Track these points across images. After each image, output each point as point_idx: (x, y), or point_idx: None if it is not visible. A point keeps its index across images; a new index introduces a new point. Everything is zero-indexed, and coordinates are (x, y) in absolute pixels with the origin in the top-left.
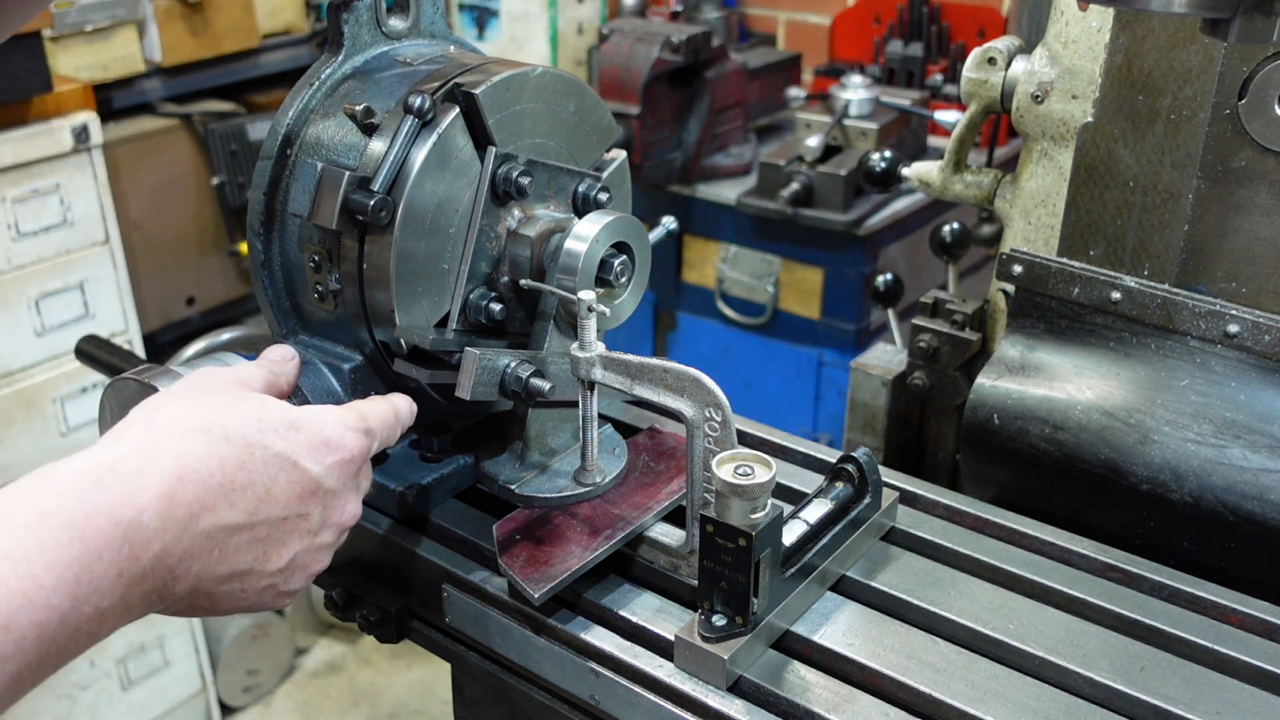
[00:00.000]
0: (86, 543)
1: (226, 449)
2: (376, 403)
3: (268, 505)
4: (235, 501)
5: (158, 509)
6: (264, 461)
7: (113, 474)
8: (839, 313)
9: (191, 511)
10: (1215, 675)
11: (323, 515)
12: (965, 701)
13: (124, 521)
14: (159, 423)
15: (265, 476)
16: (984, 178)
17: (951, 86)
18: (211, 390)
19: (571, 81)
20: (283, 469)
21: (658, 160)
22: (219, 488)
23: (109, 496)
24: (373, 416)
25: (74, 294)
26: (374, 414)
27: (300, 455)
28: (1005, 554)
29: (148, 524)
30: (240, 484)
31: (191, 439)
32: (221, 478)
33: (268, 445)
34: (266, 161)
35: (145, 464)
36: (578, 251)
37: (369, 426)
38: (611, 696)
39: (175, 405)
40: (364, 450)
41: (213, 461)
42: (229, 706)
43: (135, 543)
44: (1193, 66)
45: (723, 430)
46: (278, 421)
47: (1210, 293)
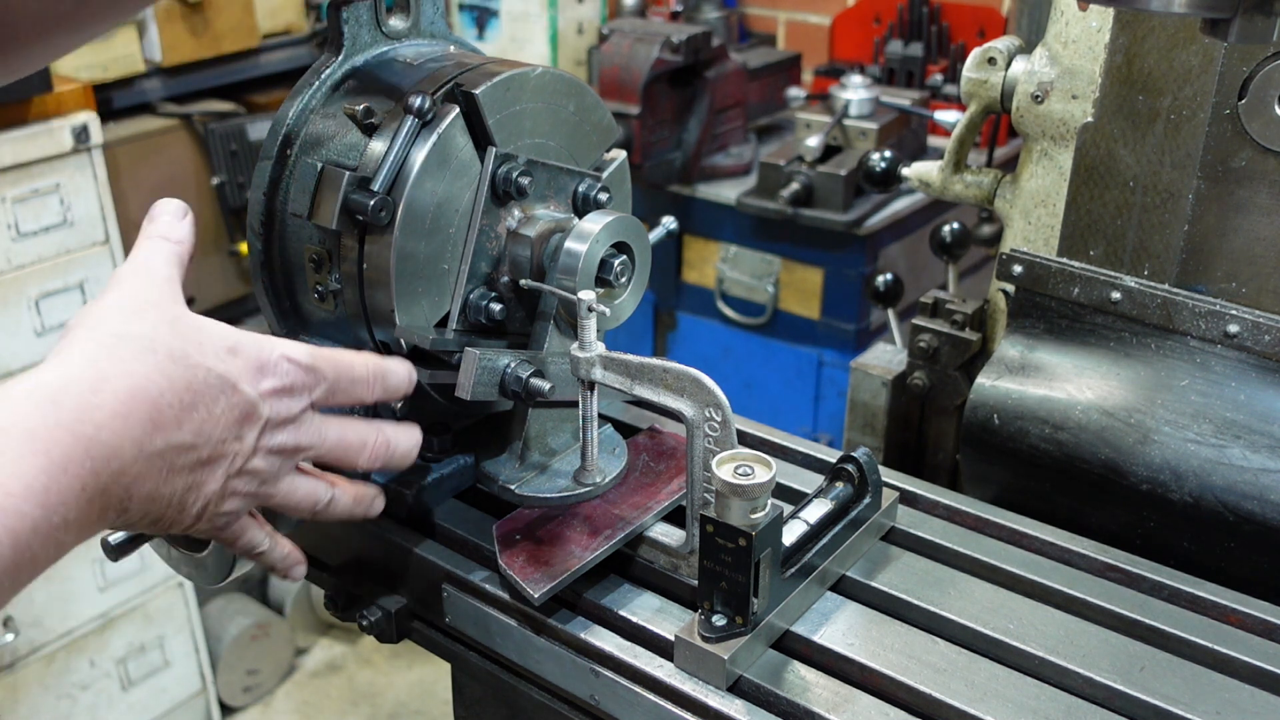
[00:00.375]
0: (50, 455)
1: (173, 369)
2: (343, 352)
3: (209, 425)
4: (184, 422)
5: (114, 427)
6: (205, 383)
7: (67, 392)
8: (839, 313)
9: (146, 430)
10: (1215, 675)
11: (256, 440)
12: (965, 701)
13: (84, 437)
14: (103, 339)
15: (208, 398)
16: (984, 178)
17: (951, 86)
18: (148, 301)
19: (571, 81)
20: (223, 391)
21: (658, 160)
22: (169, 407)
23: (67, 413)
24: (324, 358)
25: (74, 294)
26: (331, 358)
27: (239, 378)
28: (1005, 554)
29: (106, 440)
30: (188, 404)
31: (140, 358)
32: (171, 398)
33: (210, 367)
34: (266, 161)
35: (98, 382)
36: (578, 251)
37: (313, 364)
38: (611, 696)
39: (116, 320)
40: (302, 383)
41: (162, 382)
42: (229, 706)
43: (96, 458)
44: (1193, 66)
45: (723, 430)
46: (217, 344)
47: (1210, 293)
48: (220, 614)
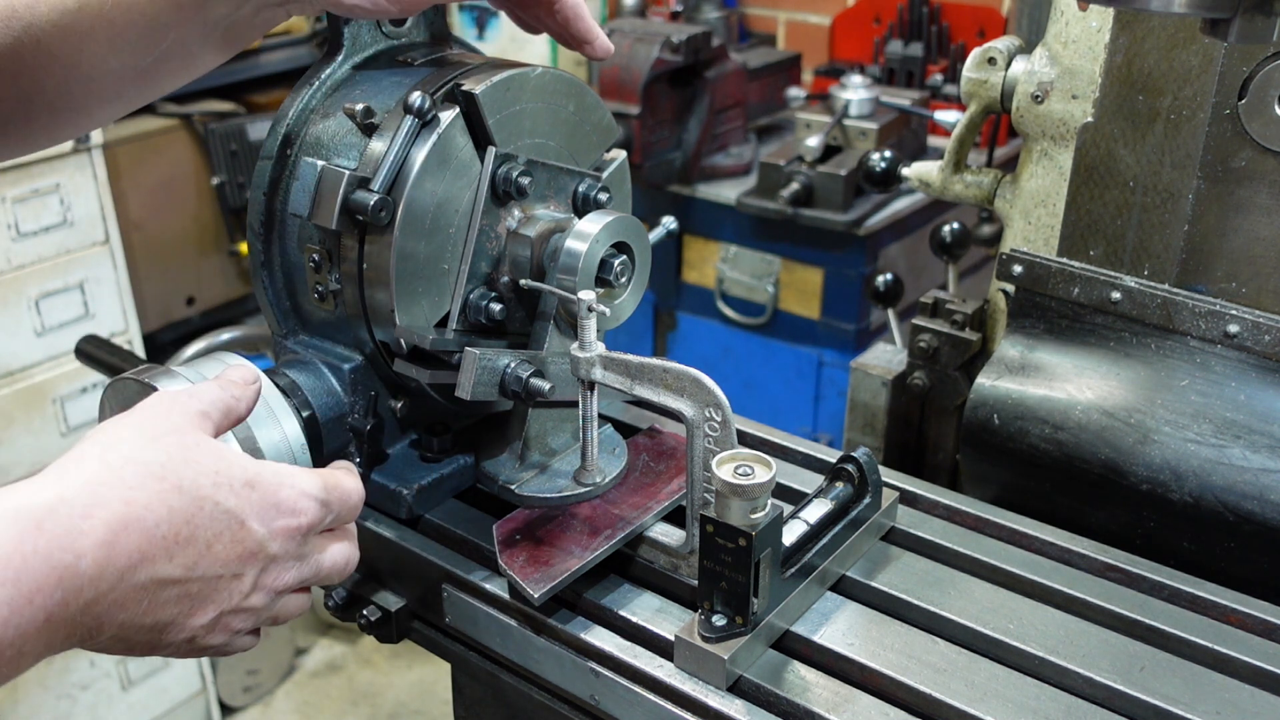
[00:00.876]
0: (19, 585)
1: (177, 500)
2: (343, 478)
3: (206, 562)
4: (175, 555)
5: (96, 556)
6: (211, 517)
7: (55, 515)
8: (839, 313)
9: (131, 562)
10: (1215, 675)
11: (256, 578)
12: (965, 701)
13: (60, 565)
14: (113, 461)
15: (210, 533)
16: (984, 178)
17: (951, 86)
18: (171, 428)
19: (571, 81)
20: (228, 527)
21: (658, 160)
22: (162, 540)
23: (48, 538)
24: (335, 490)
25: (74, 294)
26: (337, 487)
27: (249, 515)
28: (1005, 554)
29: (84, 570)
30: (184, 538)
31: (144, 485)
32: (167, 529)
33: (219, 501)
34: (266, 161)
35: (91, 506)
36: (578, 251)
37: (327, 499)
38: (611, 696)
39: (132, 443)
40: (315, 520)
41: (161, 511)
42: (229, 706)
43: (69, 589)
44: (1193, 66)
45: (723, 430)
46: (234, 477)
47: (1210, 293)
48: None
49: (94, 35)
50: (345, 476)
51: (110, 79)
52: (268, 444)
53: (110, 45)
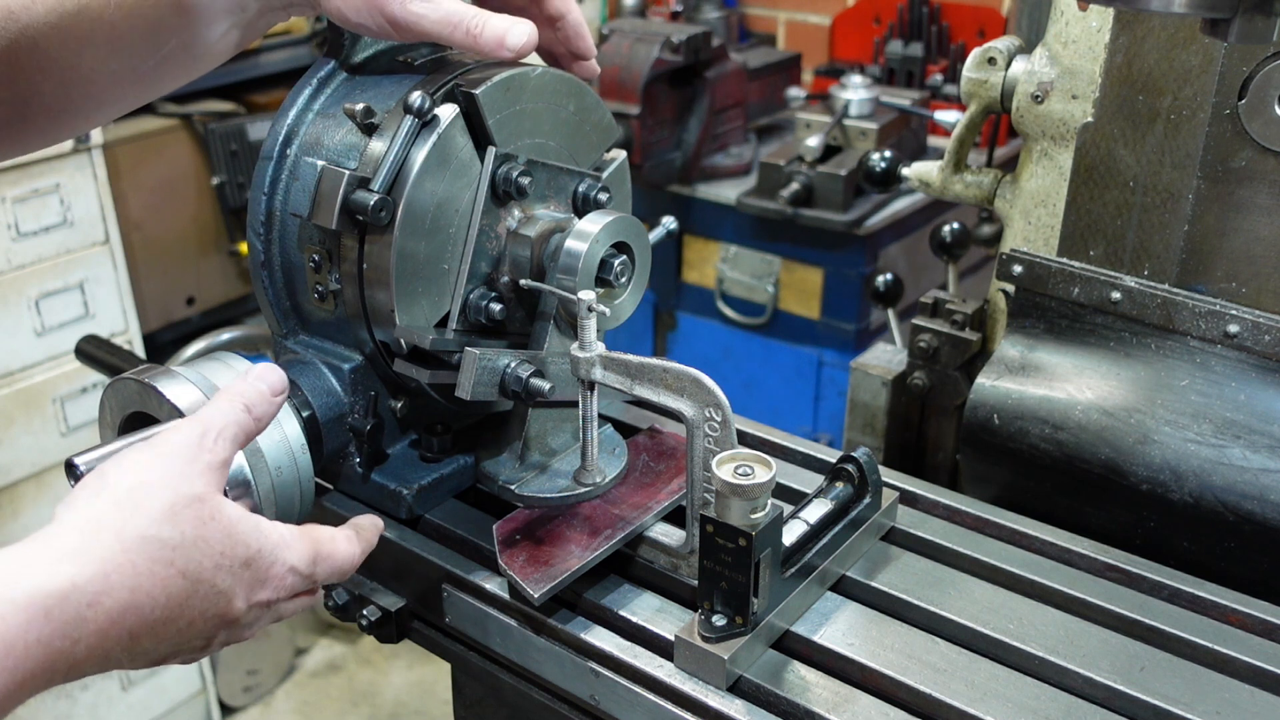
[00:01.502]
0: (15, 673)
1: (178, 585)
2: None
3: (185, 634)
4: (159, 632)
5: (91, 643)
6: (204, 598)
7: (64, 604)
8: (839, 313)
9: (120, 643)
10: (1215, 675)
11: (224, 639)
12: (965, 701)
13: (57, 651)
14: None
15: (197, 611)
16: (984, 178)
17: (951, 86)
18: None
19: (571, 81)
20: (214, 603)
21: (658, 160)
22: (156, 623)
23: (54, 626)
24: (324, 562)
25: (74, 294)
26: (329, 559)
27: (237, 593)
28: (1005, 554)
29: (78, 655)
30: (172, 618)
31: (153, 571)
32: (162, 613)
33: (215, 584)
34: (266, 161)
35: (99, 595)
36: (578, 251)
37: (312, 573)
38: (611, 696)
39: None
40: (292, 592)
41: (161, 599)
42: (229, 706)
43: (58, 670)
44: (1193, 66)
45: (723, 430)
46: (236, 557)
47: (1210, 293)
48: None
49: (93, 38)
50: (342, 545)
51: (109, 81)
52: (268, 444)
53: (110, 48)
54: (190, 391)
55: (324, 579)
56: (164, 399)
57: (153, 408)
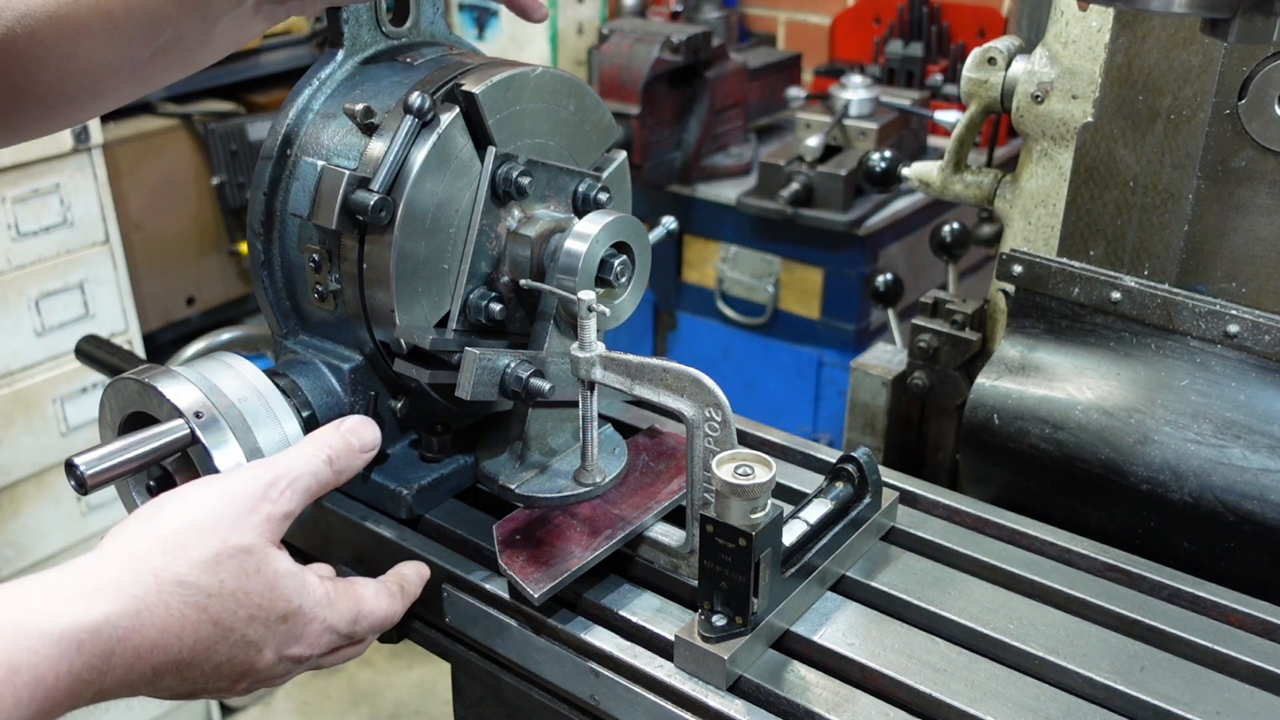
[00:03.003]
0: (44, 704)
1: (209, 632)
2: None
3: (211, 677)
4: (185, 673)
5: (118, 676)
6: (233, 646)
7: (96, 638)
8: (839, 313)
9: (144, 678)
10: (1215, 675)
11: (249, 686)
12: (965, 701)
13: (84, 682)
14: (166, 581)
15: (223, 657)
16: (984, 178)
17: (951, 86)
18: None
19: (571, 81)
20: (244, 652)
21: (658, 160)
22: (181, 664)
23: (84, 660)
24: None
25: (74, 294)
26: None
27: (268, 645)
28: (1005, 554)
29: (105, 686)
30: (199, 661)
31: (185, 615)
32: (189, 656)
33: (245, 635)
34: (266, 161)
35: (130, 631)
36: (578, 251)
37: (351, 631)
38: (611, 696)
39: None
40: (327, 651)
41: (190, 642)
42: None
43: (84, 698)
44: (1193, 66)
45: (723, 430)
46: (274, 611)
47: (1210, 293)
48: None
49: (90, 28)
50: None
51: (106, 72)
52: (268, 444)
53: (107, 39)
54: (190, 391)
55: (363, 636)
56: (164, 399)
57: (153, 408)
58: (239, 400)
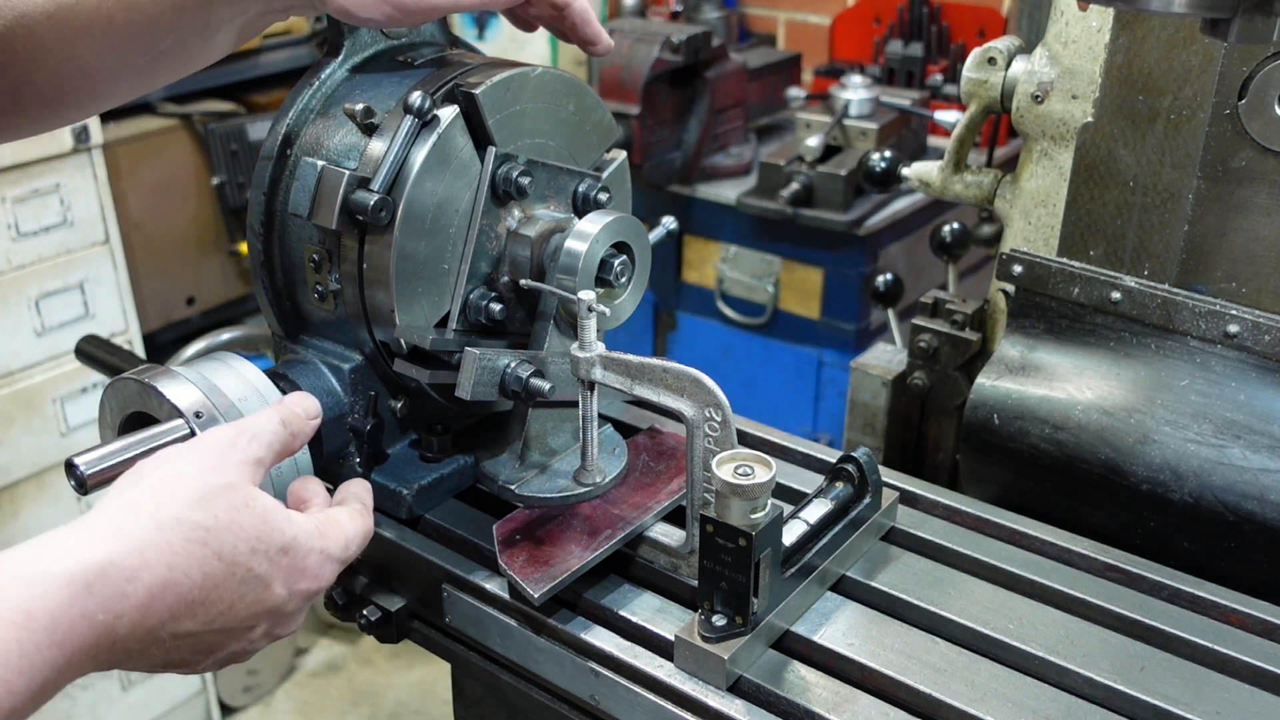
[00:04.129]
0: (64, 647)
1: (214, 565)
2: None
3: (225, 617)
4: (198, 614)
5: (133, 618)
6: (241, 581)
7: (104, 578)
8: (839, 313)
9: (160, 621)
10: (1215, 675)
11: (270, 628)
12: (965, 701)
13: (100, 626)
14: (163, 520)
15: (234, 595)
16: (984, 178)
17: (951, 86)
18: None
19: (571, 81)
20: (253, 589)
21: (658, 160)
22: (193, 603)
23: (95, 600)
24: (354, 544)
25: (74, 294)
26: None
27: (276, 579)
28: (1005, 554)
29: (120, 631)
30: (211, 600)
31: (188, 550)
32: (199, 594)
33: (251, 568)
34: (266, 161)
35: (137, 569)
36: (578, 251)
37: (347, 557)
38: (611, 696)
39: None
40: (332, 579)
41: (197, 577)
42: (229, 706)
43: (103, 647)
44: (1193, 66)
45: (723, 430)
46: (271, 543)
47: (1210, 293)
48: None
49: (90, 30)
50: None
51: (104, 74)
52: None
53: (107, 41)
54: (190, 391)
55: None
56: (164, 399)
57: (153, 408)
58: (239, 400)
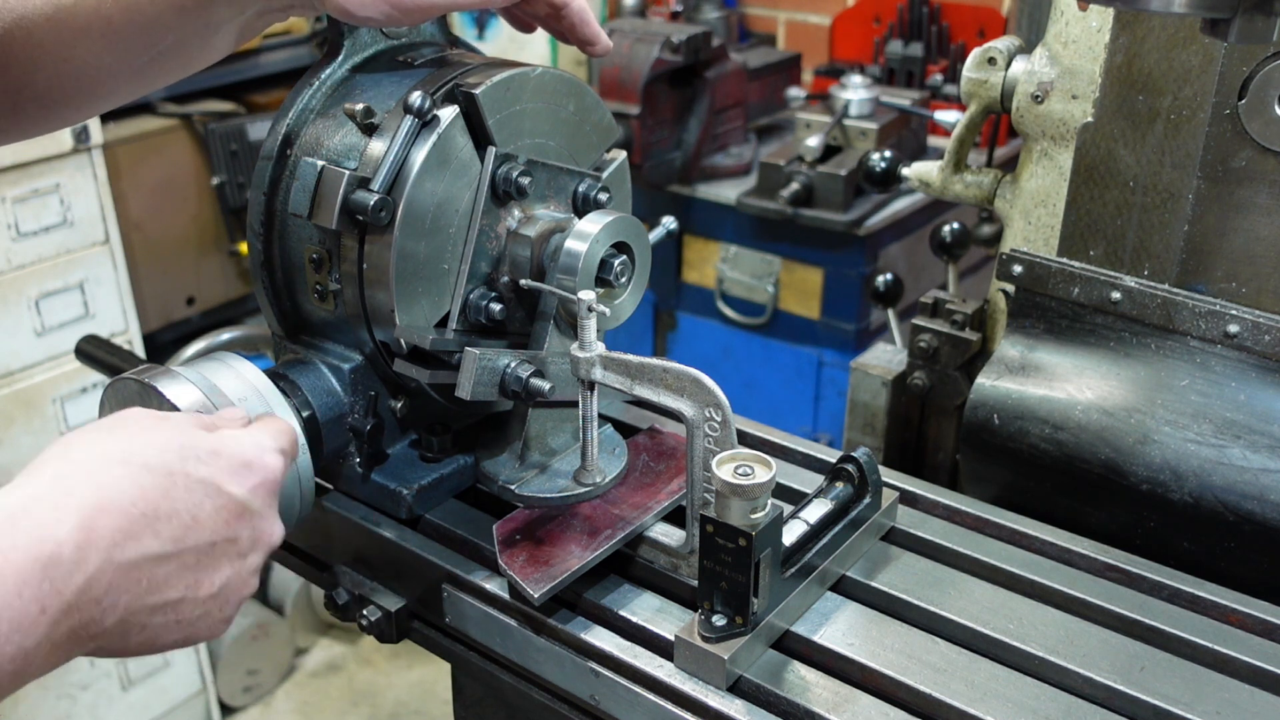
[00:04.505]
0: (4, 580)
1: (148, 478)
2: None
3: (195, 532)
4: (160, 530)
5: (76, 540)
6: (187, 489)
7: (28, 513)
8: (839, 313)
9: (114, 540)
10: (1215, 675)
11: (251, 537)
12: (965, 701)
13: (43, 556)
14: (75, 457)
15: (190, 503)
16: (984, 178)
17: (951, 86)
18: (129, 421)
19: (571, 81)
20: (208, 495)
21: (658, 160)
22: (142, 517)
23: (25, 533)
24: (284, 435)
25: (74, 294)
26: (284, 433)
27: (224, 479)
28: (1005, 554)
29: (67, 556)
30: (164, 512)
31: (109, 470)
32: (145, 506)
33: (189, 472)
34: (266, 161)
35: (62, 497)
36: (578, 251)
37: (282, 446)
38: (611, 696)
39: (90, 438)
40: (281, 469)
41: (134, 491)
42: (229, 706)
43: (55, 577)
44: (1193, 66)
45: (723, 430)
46: (199, 448)
47: (1210, 293)
48: None
49: (89, 31)
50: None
51: (103, 75)
52: None
53: (106, 42)
54: (190, 391)
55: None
56: (164, 399)
57: (152, 408)
58: (239, 400)
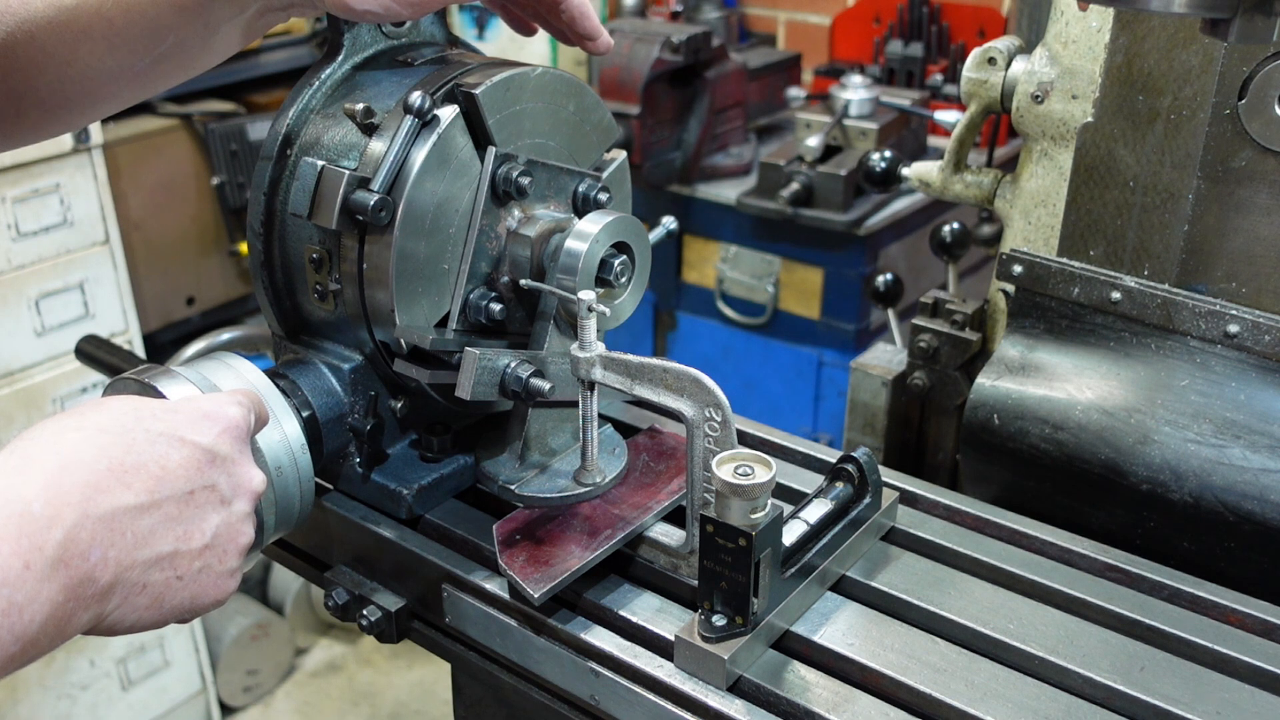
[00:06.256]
0: None
1: (104, 438)
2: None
3: (167, 483)
4: (130, 483)
5: (45, 497)
6: (148, 442)
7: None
8: (839, 313)
9: (84, 494)
10: (1215, 675)
11: (230, 483)
12: (965, 701)
13: (14, 515)
14: (33, 434)
15: (155, 455)
16: (984, 178)
17: (951, 86)
18: (87, 403)
19: (571, 81)
20: (171, 446)
21: (658, 160)
22: (107, 471)
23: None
24: (240, 394)
25: (74, 294)
26: (240, 392)
27: (184, 430)
28: (1005, 554)
29: (39, 512)
30: (130, 466)
31: (64, 437)
32: (108, 462)
33: (148, 428)
34: (266, 161)
35: (23, 463)
36: (578, 251)
37: (240, 400)
38: (611, 696)
39: (40, 426)
40: (243, 419)
41: (93, 450)
42: (229, 706)
43: (31, 532)
44: (1193, 66)
45: (723, 430)
46: (153, 406)
47: (1210, 293)
48: (220, 614)
49: (91, 34)
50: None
51: (105, 78)
52: (267, 444)
53: (108, 45)
54: (190, 391)
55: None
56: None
57: None
58: None
